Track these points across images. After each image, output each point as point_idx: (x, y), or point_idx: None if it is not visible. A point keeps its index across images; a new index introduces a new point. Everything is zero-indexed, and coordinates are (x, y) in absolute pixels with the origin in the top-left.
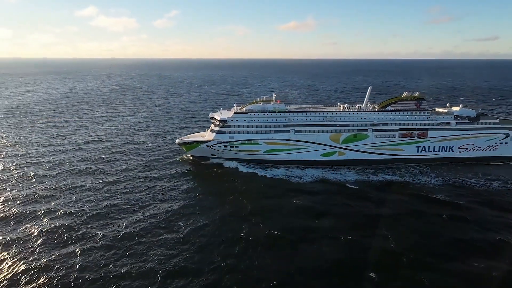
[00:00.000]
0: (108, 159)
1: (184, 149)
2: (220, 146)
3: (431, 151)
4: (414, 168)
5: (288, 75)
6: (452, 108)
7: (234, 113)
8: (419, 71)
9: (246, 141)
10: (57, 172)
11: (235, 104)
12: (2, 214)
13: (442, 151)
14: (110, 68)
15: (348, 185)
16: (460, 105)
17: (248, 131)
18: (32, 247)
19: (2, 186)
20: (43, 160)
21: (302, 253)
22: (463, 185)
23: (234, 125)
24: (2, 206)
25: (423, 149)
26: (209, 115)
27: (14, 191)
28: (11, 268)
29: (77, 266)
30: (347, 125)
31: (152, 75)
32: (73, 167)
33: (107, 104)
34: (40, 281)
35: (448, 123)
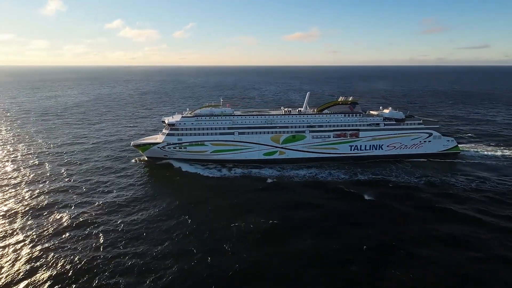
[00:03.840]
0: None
1: (139, 151)
2: (169, 148)
3: (363, 150)
4: (395, 165)
5: (291, 81)
6: (384, 111)
7: (182, 117)
8: (414, 76)
9: (194, 143)
10: (71, 161)
11: (187, 109)
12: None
13: (372, 149)
14: (133, 74)
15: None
16: (390, 108)
17: (195, 133)
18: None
19: (30, 172)
20: (64, 152)
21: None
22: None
23: (182, 128)
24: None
25: (356, 148)
26: (161, 119)
27: (33, 174)
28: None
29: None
30: (286, 127)
31: (170, 80)
32: (83, 159)
33: (127, 106)
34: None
35: (378, 124)
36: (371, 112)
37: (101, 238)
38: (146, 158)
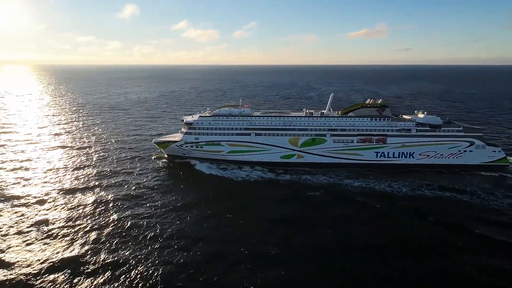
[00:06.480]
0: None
1: (160, 148)
2: (187, 146)
3: (390, 157)
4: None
5: (353, 81)
6: (418, 115)
7: (199, 116)
8: (499, 78)
9: (210, 142)
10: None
11: (207, 108)
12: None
13: (402, 157)
14: (194, 73)
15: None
16: (425, 112)
17: (211, 133)
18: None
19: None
20: (126, 142)
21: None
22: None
23: (199, 127)
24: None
25: (382, 155)
26: (181, 118)
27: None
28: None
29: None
30: (306, 129)
31: (227, 79)
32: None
33: (186, 103)
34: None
35: (409, 130)
36: (404, 116)
37: (143, 217)
38: (166, 156)
